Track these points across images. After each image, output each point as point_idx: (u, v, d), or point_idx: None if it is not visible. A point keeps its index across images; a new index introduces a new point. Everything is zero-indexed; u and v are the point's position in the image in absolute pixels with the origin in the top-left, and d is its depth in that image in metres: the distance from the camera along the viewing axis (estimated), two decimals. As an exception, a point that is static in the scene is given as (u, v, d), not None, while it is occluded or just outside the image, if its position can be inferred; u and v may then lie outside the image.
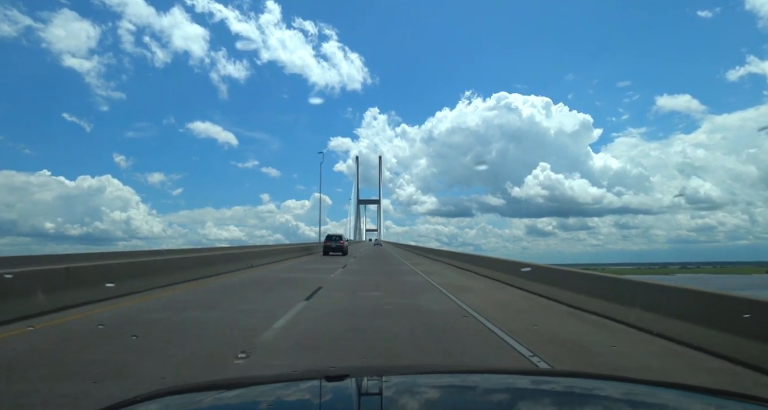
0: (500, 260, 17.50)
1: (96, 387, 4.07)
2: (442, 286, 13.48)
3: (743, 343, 5.19)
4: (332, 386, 1.50)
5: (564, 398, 1.38)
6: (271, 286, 12.84)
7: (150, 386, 4.53)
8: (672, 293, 6.89)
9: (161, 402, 1.30)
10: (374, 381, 1.53)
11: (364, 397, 1.39)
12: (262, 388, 1.49)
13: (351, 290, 11.97)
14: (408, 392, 1.38)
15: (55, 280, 8.14)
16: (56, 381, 4.20)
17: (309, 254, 32.26)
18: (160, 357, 5.15)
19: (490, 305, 9.84)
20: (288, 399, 1.38)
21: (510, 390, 1.44)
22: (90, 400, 3.72)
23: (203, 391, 1.44)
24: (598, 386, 1.51)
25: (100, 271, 9.82)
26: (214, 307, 8.81)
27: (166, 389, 1.40)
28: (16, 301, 7.12)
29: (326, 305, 9.34)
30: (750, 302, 5.39)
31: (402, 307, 9.33)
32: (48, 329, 6.44)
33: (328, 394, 1.41)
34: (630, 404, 1.30)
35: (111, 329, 6.54)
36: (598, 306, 8.43)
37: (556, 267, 12.16)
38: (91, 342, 5.80)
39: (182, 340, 5.99)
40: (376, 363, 5.17)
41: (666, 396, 1.37)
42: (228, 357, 5.22)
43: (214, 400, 1.32)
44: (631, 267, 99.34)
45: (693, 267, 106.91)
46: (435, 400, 1.33)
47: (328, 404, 1.30)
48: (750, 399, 1.26)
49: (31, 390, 3.93)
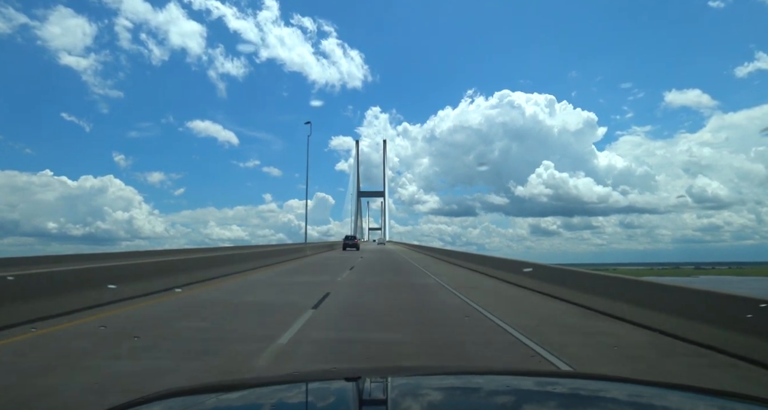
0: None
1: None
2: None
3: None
4: (336, 387, 1.49)
5: (569, 400, 1.37)
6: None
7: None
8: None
9: (164, 404, 1.30)
10: (380, 383, 1.53)
11: (369, 398, 1.38)
12: (265, 390, 1.49)
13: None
14: (414, 393, 1.37)
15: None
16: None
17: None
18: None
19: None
20: (290, 401, 1.38)
21: (517, 392, 1.43)
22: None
23: (206, 393, 1.45)
24: (603, 387, 1.50)
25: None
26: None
27: (168, 390, 1.40)
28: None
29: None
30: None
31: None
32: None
33: (332, 396, 1.41)
34: (635, 406, 1.29)
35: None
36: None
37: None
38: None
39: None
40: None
41: (671, 397, 1.35)
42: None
43: (216, 401, 1.32)
44: (644, 268, 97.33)
45: (708, 267, 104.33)
46: (443, 401, 1.33)
47: (332, 406, 1.29)
48: (755, 401, 1.24)
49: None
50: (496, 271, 16.76)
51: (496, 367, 3.94)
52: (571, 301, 10.05)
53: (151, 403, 1.28)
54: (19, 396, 3.96)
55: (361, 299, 10.74)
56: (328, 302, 9.70)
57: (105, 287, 8.74)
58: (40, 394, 3.97)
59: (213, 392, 1.44)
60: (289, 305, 9.37)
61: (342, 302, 10.00)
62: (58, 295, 7.68)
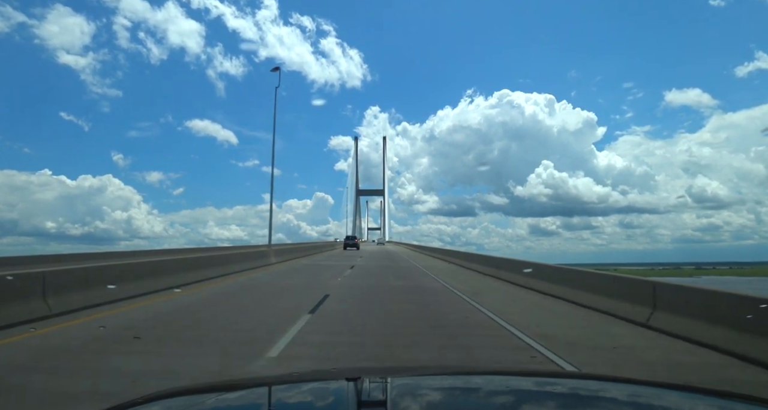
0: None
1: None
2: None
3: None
4: (336, 387, 1.49)
5: (569, 400, 1.37)
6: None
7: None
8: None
9: (162, 404, 1.30)
10: (379, 383, 1.53)
11: (368, 398, 1.38)
12: (265, 389, 1.49)
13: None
14: (413, 394, 1.37)
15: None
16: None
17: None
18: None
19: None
20: (290, 400, 1.38)
21: (516, 392, 1.43)
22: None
23: (205, 393, 1.44)
24: (602, 387, 1.50)
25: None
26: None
27: (167, 390, 1.40)
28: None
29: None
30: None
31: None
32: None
33: (332, 396, 1.41)
34: (635, 406, 1.29)
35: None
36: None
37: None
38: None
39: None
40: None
41: (671, 397, 1.35)
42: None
43: (216, 401, 1.32)
44: (644, 268, 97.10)
45: (709, 268, 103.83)
46: (443, 401, 1.33)
47: (332, 406, 1.29)
48: (755, 401, 1.24)
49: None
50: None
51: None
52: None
53: (151, 403, 1.28)
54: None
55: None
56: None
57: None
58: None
59: (213, 392, 1.44)
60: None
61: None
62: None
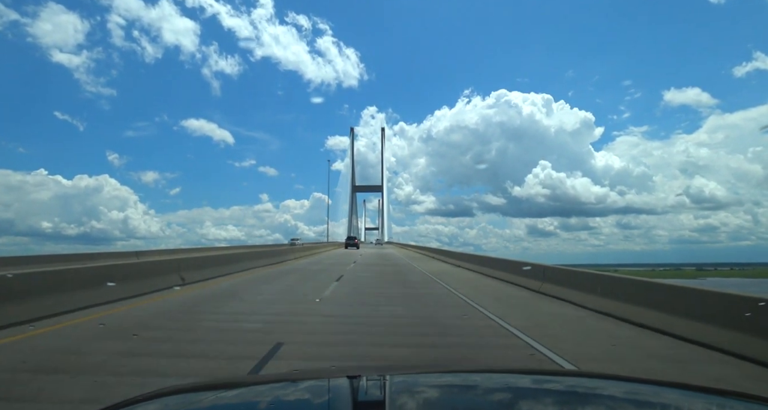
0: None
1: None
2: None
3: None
4: (334, 385, 1.49)
5: (567, 397, 1.37)
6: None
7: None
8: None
9: (161, 402, 1.30)
10: (377, 381, 1.53)
11: (367, 397, 1.38)
12: (262, 388, 1.49)
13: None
14: (411, 392, 1.37)
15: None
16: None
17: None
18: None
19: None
20: (288, 398, 1.38)
21: (514, 390, 1.43)
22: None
23: (203, 391, 1.44)
24: (600, 385, 1.50)
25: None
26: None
27: (166, 389, 1.40)
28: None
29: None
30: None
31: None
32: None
33: (330, 394, 1.41)
34: (633, 404, 1.29)
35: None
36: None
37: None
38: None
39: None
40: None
41: (669, 395, 1.35)
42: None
43: (214, 400, 1.32)
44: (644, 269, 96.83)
45: (709, 269, 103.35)
46: (441, 399, 1.33)
47: (330, 404, 1.30)
48: (753, 399, 1.24)
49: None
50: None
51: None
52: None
53: (149, 401, 1.28)
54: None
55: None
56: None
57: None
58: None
59: (211, 390, 1.44)
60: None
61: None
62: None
